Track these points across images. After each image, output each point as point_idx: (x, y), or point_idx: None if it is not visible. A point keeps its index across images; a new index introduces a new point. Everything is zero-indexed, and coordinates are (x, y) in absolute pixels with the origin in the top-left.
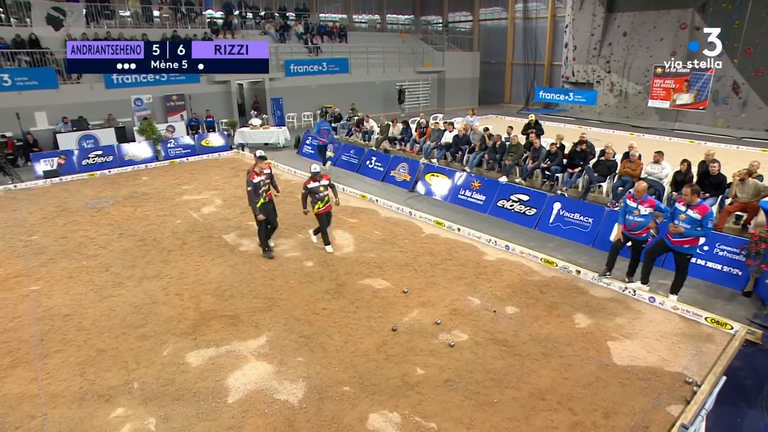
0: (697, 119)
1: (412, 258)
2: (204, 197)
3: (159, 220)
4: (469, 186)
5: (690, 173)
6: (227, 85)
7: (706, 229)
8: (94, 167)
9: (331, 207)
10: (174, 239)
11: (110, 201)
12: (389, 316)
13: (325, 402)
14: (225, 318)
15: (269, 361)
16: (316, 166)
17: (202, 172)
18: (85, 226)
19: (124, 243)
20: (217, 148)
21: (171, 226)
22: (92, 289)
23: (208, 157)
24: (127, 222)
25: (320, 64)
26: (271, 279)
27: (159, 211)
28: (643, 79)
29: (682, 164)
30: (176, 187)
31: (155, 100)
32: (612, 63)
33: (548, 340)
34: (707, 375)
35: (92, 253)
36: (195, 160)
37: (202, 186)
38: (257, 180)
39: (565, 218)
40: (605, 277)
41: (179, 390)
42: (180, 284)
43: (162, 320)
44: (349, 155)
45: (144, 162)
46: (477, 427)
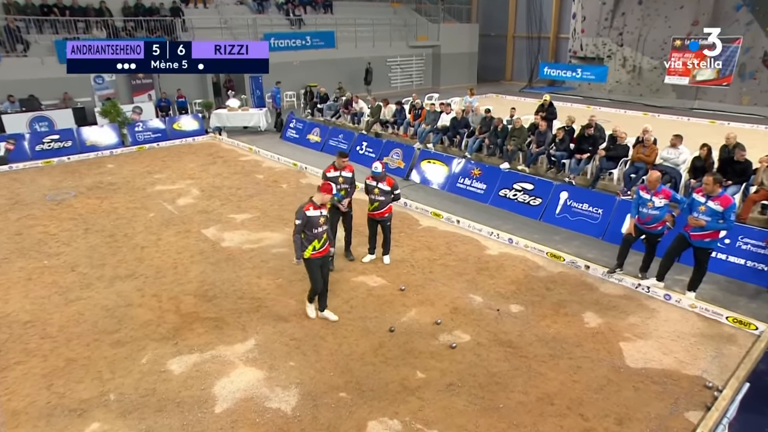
0: (719, 96)
1: (409, 253)
2: (179, 187)
3: (129, 213)
4: (469, 174)
5: (710, 159)
6: None
7: (729, 222)
8: (50, 153)
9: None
10: (148, 234)
11: (72, 192)
12: (386, 316)
13: (320, 409)
14: (208, 321)
15: (258, 366)
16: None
17: (176, 159)
18: (43, 220)
19: (90, 239)
20: (190, 132)
21: (143, 219)
22: (57, 292)
23: (181, 143)
24: (93, 216)
25: (303, 38)
26: (257, 278)
27: (129, 203)
28: (660, 52)
29: (701, 149)
30: (147, 176)
31: (119, 78)
32: (625, 35)
33: (556, 341)
34: (729, 379)
35: (54, 252)
36: (166, 145)
37: (176, 175)
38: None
39: (573, 208)
40: (616, 272)
41: (161, 400)
42: (157, 284)
43: (138, 324)
44: (338, 140)
45: (108, 148)
46: None
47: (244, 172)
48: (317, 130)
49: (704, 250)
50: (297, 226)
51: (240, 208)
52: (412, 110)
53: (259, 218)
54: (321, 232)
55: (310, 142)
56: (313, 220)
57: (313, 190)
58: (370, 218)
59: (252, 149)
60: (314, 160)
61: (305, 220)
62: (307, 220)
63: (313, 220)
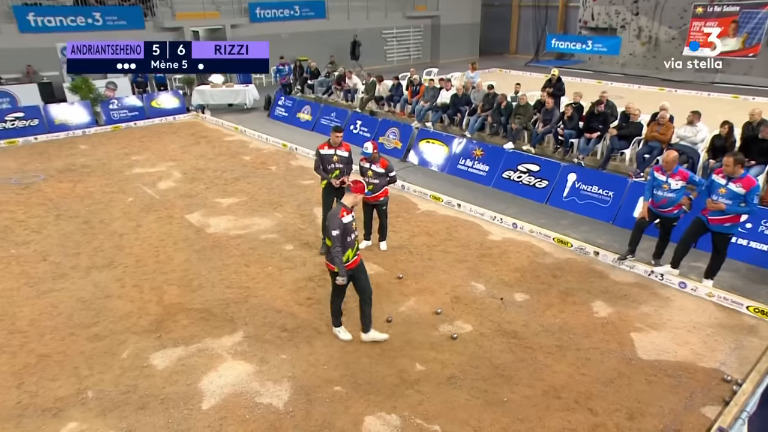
0: (744, 69)
1: (407, 239)
2: (159, 170)
3: (106, 198)
4: (470, 154)
5: (732, 137)
6: (179, 33)
7: (752, 205)
8: (14, 133)
9: (376, 197)
10: (126, 221)
11: (41, 176)
12: (383, 305)
13: (314, 404)
14: (194, 312)
15: (248, 359)
16: (369, 145)
17: (155, 140)
18: (9, 206)
19: (63, 226)
20: (170, 111)
21: (121, 205)
22: (26, 283)
23: (161, 122)
24: (66, 201)
25: (291, 7)
26: (245, 266)
27: (105, 187)
28: (679, 21)
29: (722, 126)
30: (124, 158)
31: None
32: (641, 2)
33: (563, 332)
34: (750, 372)
35: (23, 240)
36: (144, 124)
37: (156, 156)
38: (326, 152)
39: (582, 191)
40: (628, 259)
41: (144, 397)
42: (138, 274)
43: (118, 317)
44: (330, 118)
45: (80, 127)
46: (485, 429)
47: (230, 154)
48: (308, 108)
49: (723, 235)
50: (336, 237)
51: (226, 192)
52: (410, 86)
53: (246, 203)
54: (353, 239)
55: (300, 121)
56: (348, 227)
57: (304, 173)
58: (365, 202)
59: (238, 129)
60: (305, 141)
61: (343, 228)
62: (344, 228)
63: (348, 227)
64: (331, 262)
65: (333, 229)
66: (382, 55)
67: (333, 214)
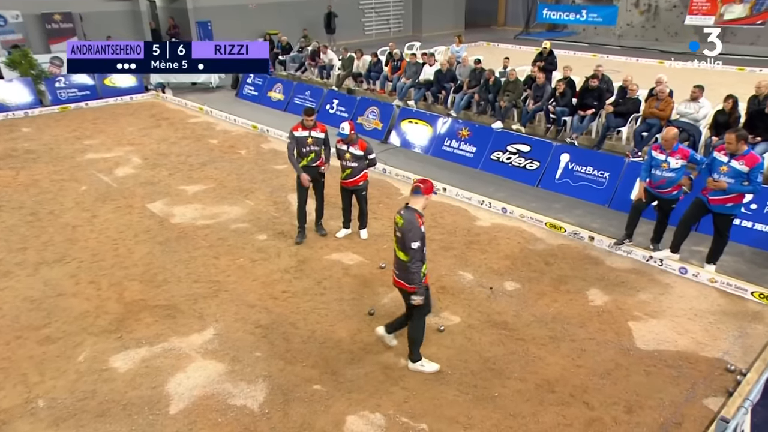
0: (751, 38)
1: (389, 226)
2: (116, 155)
3: (55, 186)
4: (456, 135)
5: (736, 112)
6: (134, 3)
7: (755, 183)
8: None
9: (354, 181)
10: (80, 211)
11: None
12: (364, 297)
13: (291, 405)
14: (159, 309)
15: (219, 358)
16: (346, 125)
17: (110, 122)
18: None
19: (5, 219)
20: (126, 90)
21: (73, 194)
22: None
23: (116, 102)
24: (7, 190)
25: None
26: (214, 258)
27: (54, 174)
28: None
29: (726, 101)
30: (75, 143)
31: (28, 21)
32: None
33: (556, 322)
34: (754, 361)
35: None
36: (97, 105)
37: (111, 140)
38: (300, 134)
39: (575, 173)
40: (625, 243)
41: (103, 403)
42: (94, 269)
43: (73, 317)
44: (304, 97)
45: (22, 108)
46: (475, 426)
47: (195, 137)
48: (279, 86)
49: (725, 216)
50: (417, 251)
51: (192, 179)
52: (390, 62)
53: (214, 190)
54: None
55: (271, 101)
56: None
57: (277, 157)
58: (343, 187)
59: (203, 109)
60: (277, 122)
61: (424, 240)
62: (424, 239)
63: (424, 237)
64: (404, 280)
65: (414, 241)
66: (359, 27)
67: (411, 223)
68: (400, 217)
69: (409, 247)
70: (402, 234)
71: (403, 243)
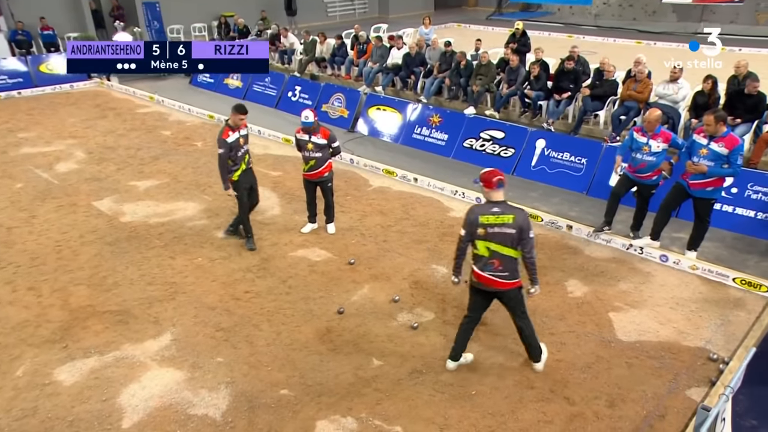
0: (730, 17)
1: (358, 219)
2: (56, 149)
3: None
4: (427, 122)
5: (716, 93)
6: None
7: (735, 166)
8: None
9: (319, 173)
10: (15, 211)
11: None
12: (333, 295)
13: (257, 412)
14: (109, 315)
15: (177, 365)
16: (309, 113)
17: (48, 113)
18: None
19: None
20: (66, 78)
21: (7, 192)
22: None
23: (55, 90)
24: None
25: None
26: (170, 258)
27: None
28: None
29: (705, 82)
30: (7, 135)
31: None
32: None
33: (535, 315)
34: (737, 349)
35: None
36: (32, 94)
37: (50, 133)
38: (232, 138)
39: (552, 159)
40: (604, 231)
41: (46, 421)
42: (34, 274)
43: (9, 327)
44: (264, 84)
45: None
46: (452, 426)
47: (146, 128)
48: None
49: (706, 201)
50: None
51: (143, 174)
52: (356, 46)
53: (168, 185)
54: None
55: (228, 89)
56: None
57: None
58: (306, 180)
59: (153, 98)
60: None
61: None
62: None
63: None
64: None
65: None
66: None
67: (525, 215)
68: (501, 216)
69: (528, 237)
70: (517, 229)
71: (518, 238)
